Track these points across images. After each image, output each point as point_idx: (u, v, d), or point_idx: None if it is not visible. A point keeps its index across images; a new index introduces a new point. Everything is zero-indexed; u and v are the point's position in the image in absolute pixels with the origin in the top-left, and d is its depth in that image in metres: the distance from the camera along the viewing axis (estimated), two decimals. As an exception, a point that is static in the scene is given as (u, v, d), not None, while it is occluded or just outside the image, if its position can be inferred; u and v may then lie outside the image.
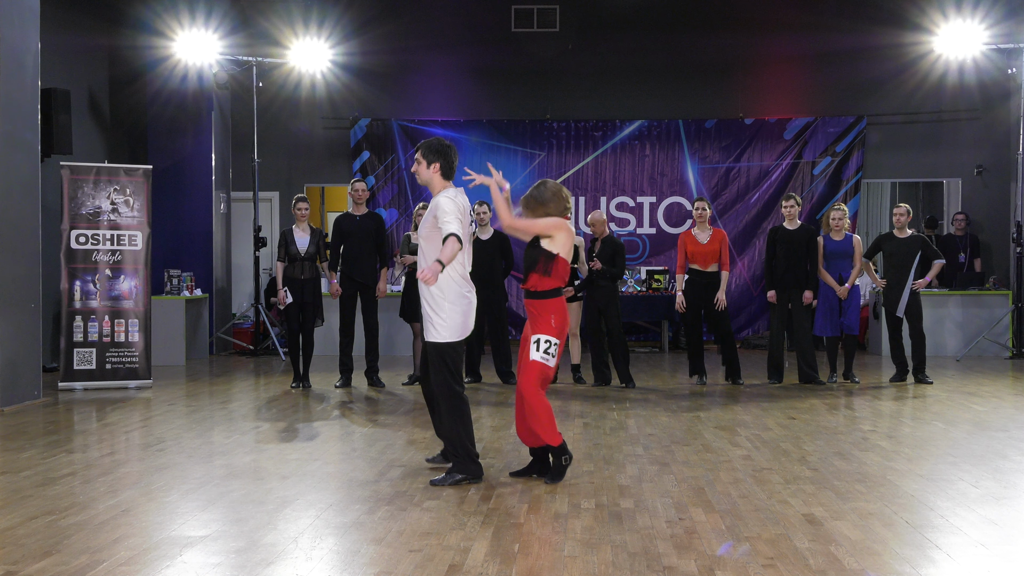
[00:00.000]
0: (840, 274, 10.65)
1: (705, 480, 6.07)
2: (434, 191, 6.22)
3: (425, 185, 6.33)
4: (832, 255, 10.69)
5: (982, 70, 14.85)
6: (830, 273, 10.65)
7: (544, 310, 6.12)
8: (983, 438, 7.54)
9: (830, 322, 10.66)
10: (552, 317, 6.10)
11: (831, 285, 10.62)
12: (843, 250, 10.68)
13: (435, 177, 6.23)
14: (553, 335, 6.09)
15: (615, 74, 15.76)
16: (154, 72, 14.46)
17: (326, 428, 8.13)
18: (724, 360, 10.85)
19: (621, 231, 15.52)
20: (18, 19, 9.72)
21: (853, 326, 10.77)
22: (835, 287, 10.60)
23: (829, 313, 10.64)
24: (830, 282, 10.63)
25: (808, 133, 15.58)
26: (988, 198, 15.45)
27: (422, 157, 6.23)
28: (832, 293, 10.62)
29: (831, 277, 10.63)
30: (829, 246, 10.72)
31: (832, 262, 10.68)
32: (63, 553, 4.59)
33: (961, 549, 4.65)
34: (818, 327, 10.73)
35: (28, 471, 6.43)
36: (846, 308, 10.65)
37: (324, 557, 4.56)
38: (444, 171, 6.24)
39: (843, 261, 10.68)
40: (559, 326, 6.11)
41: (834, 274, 10.65)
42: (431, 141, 6.32)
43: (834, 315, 10.64)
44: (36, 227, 9.92)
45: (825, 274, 10.66)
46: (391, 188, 15.75)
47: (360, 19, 15.21)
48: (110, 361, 10.76)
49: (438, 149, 6.23)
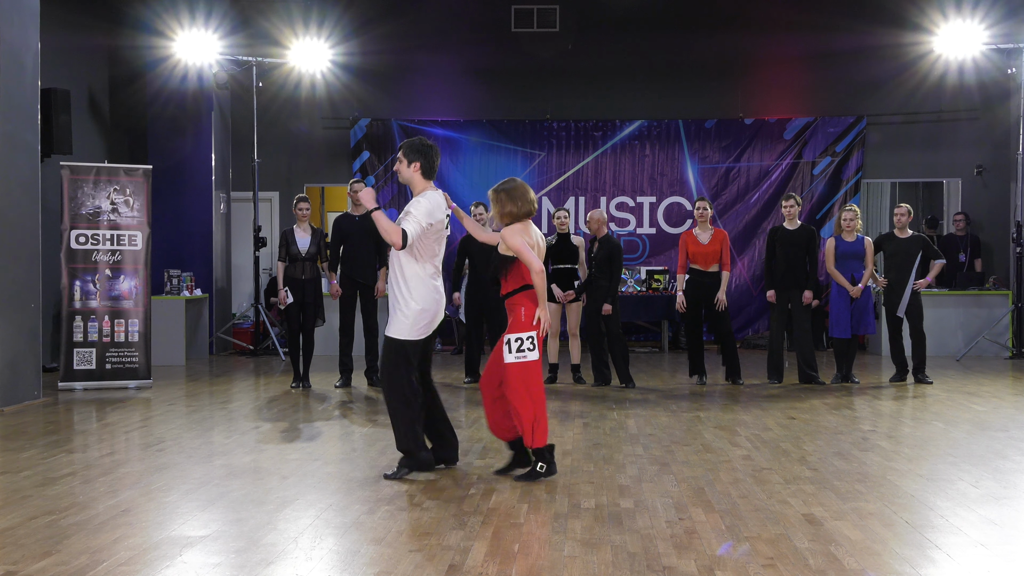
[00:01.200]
0: (852, 275, 10.63)
1: (705, 480, 6.07)
2: (415, 190, 6.25)
3: (406, 184, 6.36)
4: (844, 256, 10.67)
5: (982, 70, 14.85)
6: (842, 274, 10.64)
7: (513, 307, 6.17)
8: (983, 438, 7.54)
9: (844, 323, 10.63)
10: (521, 311, 6.14)
11: (844, 286, 10.60)
12: (855, 251, 10.66)
13: (415, 176, 6.27)
14: (524, 330, 6.11)
15: (615, 74, 15.76)
16: (154, 72, 14.46)
17: (326, 428, 8.13)
18: (724, 360, 10.86)
19: (621, 231, 15.52)
20: (18, 19, 9.72)
21: (869, 327, 10.77)
22: (848, 288, 10.58)
23: (842, 314, 10.62)
24: (843, 283, 10.61)
25: (808, 133, 15.57)
26: (988, 198, 15.45)
27: (403, 156, 6.27)
28: (846, 294, 10.61)
29: (844, 278, 10.62)
30: (841, 247, 10.69)
31: (844, 263, 10.66)
32: (63, 553, 4.60)
33: (961, 549, 4.65)
34: (833, 328, 10.70)
35: (28, 471, 6.43)
36: (860, 309, 10.63)
37: (324, 557, 4.56)
38: (424, 170, 6.27)
39: (855, 262, 10.66)
40: (529, 317, 6.13)
41: (846, 275, 10.63)
42: (413, 140, 6.35)
43: (846, 316, 10.61)
44: (36, 227, 9.92)
45: (838, 275, 10.63)
46: (391, 188, 15.75)
47: (360, 19, 15.21)
48: (110, 361, 10.76)
49: (419, 148, 6.27)
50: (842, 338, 10.73)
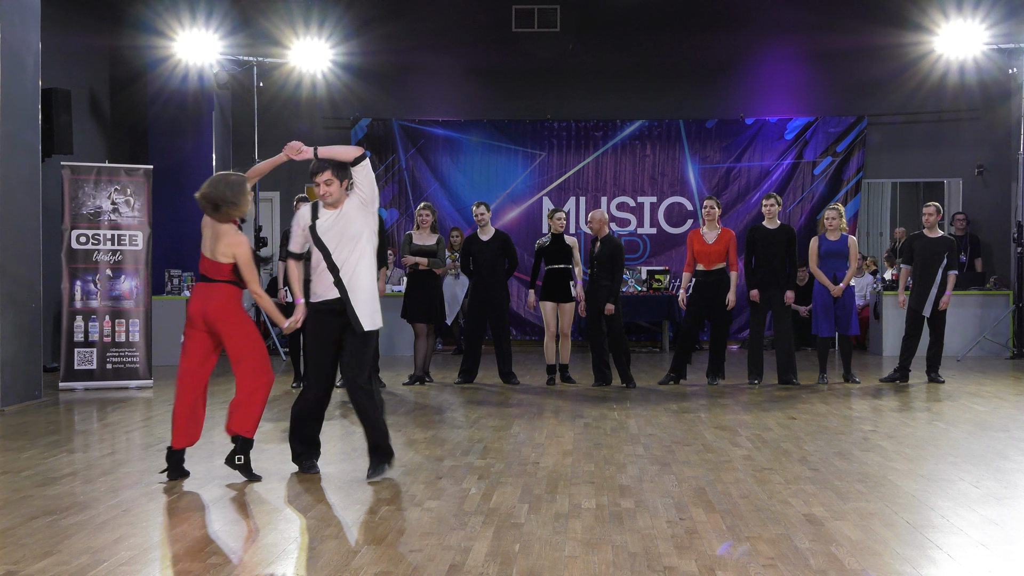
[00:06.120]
0: (835, 273, 10.63)
1: (706, 480, 6.07)
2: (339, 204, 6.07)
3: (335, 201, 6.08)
4: (827, 255, 10.67)
5: (983, 70, 14.85)
6: (825, 273, 10.64)
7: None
8: (984, 438, 7.54)
9: (826, 322, 10.66)
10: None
11: (826, 285, 10.60)
12: (838, 250, 10.66)
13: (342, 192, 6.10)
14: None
15: (616, 74, 15.76)
16: (155, 72, 14.47)
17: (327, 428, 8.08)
18: (710, 358, 10.80)
19: (622, 231, 15.51)
20: (19, 19, 9.72)
21: (851, 327, 10.75)
22: (830, 287, 10.58)
23: (825, 313, 10.64)
24: (824, 282, 10.61)
25: (809, 133, 15.58)
26: (989, 198, 15.45)
27: (335, 176, 6.00)
28: (827, 293, 10.61)
29: (826, 277, 10.62)
30: (824, 246, 10.69)
31: (827, 262, 10.66)
32: (64, 553, 4.59)
33: (962, 549, 4.65)
34: (817, 327, 10.73)
35: (29, 471, 6.43)
36: (842, 308, 10.62)
37: (324, 557, 4.56)
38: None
39: (838, 261, 10.65)
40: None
41: (828, 274, 10.63)
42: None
43: (830, 315, 10.64)
44: (37, 227, 9.93)
45: (820, 274, 10.64)
46: (392, 188, 15.75)
47: (361, 19, 15.22)
48: (111, 361, 10.76)
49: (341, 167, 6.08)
50: (825, 337, 10.74)
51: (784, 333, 10.72)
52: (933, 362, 10.89)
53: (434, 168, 15.74)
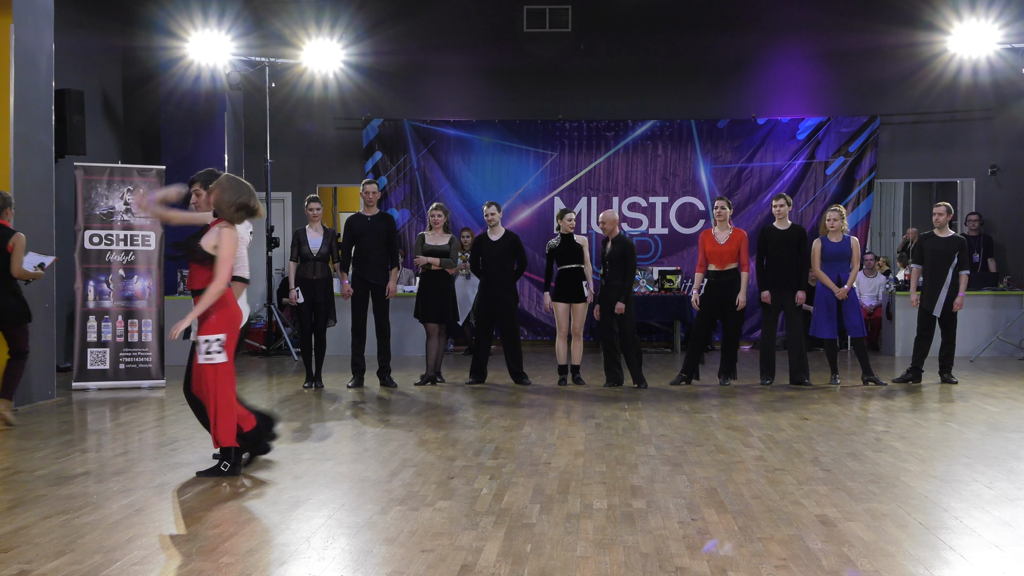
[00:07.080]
0: (839, 275, 10.59)
1: (718, 481, 6.06)
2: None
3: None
4: (830, 257, 10.62)
5: (996, 69, 14.79)
6: (828, 275, 10.59)
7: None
8: (997, 439, 7.51)
9: (828, 324, 10.61)
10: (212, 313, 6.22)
11: (829, 286, 10.56)
12: (840, 252, 10.61)
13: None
14: (213, 332, 6.20)
15: (627, 74, 15.75)
16: (167, 73, 14.52)
17: (338, 428, 8.15)
18: (722, 357, 10.79)
19: (633, 231, 15.49)
20: (32, 20, 9.77)
21: (858, 328, 10.70)
22: (833, 288, 10.54)
23: (827, 314, 10.59)
24: (828, 283, 10.57)
25: (821, 133, 15.53)
26: (1002, 198, 15.39)
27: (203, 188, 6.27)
28: (830, 294, 10.57)
29: (829, 279, 10.58)
30: (827, 248, 10.65)
31: (830, 263, 10.62)
32: (77, 552, 4.61)
33: (975, 550, 4.63)
34: (816, 328, 10.68)
35: (42, 470, 6.46)
36: (845, 310, 10.58)
37: (336, 557, 4.57)
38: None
39: (841, 263, 10.61)
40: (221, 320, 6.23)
41: (832, 275, 10.58)
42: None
43: (833, 317, 10.59)
44: (50, 227, 9.97)
45: (823, 275, 10.60)
46: (403, 188, 15.77)
47: (372, 20, 15.25)
48: (123, 361, 10.80)
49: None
50: (830, 339, 10.71)
51: (796, 334, 10.70)
52: (946, 363, 10.85)
53: (445, 168, 15.75)
